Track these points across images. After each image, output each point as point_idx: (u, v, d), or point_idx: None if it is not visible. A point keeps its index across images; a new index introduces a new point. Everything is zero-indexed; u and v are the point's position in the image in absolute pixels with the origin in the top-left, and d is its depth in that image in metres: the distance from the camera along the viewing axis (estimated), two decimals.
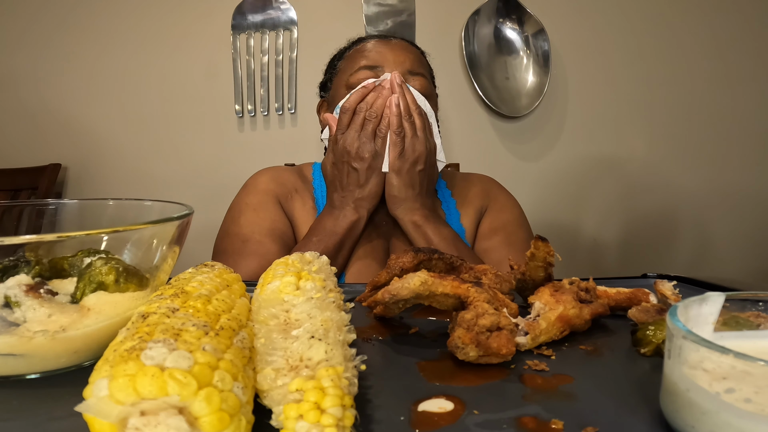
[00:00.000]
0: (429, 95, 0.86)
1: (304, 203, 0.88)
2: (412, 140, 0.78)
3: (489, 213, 0.93)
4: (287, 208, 0.88)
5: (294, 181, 0.91)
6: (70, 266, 0.40)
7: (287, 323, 0.34)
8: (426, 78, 0.88)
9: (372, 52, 0.87)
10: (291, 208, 0.88)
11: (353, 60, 0.88)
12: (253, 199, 0.87)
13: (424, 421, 0.30)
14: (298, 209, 0.88)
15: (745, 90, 1.71)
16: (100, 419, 0.24)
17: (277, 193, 0.88)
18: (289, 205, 0.88)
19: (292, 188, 0.90)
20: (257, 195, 0.88)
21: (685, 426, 0.28)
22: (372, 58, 0.86)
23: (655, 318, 0.43)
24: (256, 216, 0.85)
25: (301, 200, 0.89)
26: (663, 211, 1.74)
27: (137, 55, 1.64)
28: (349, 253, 0.81)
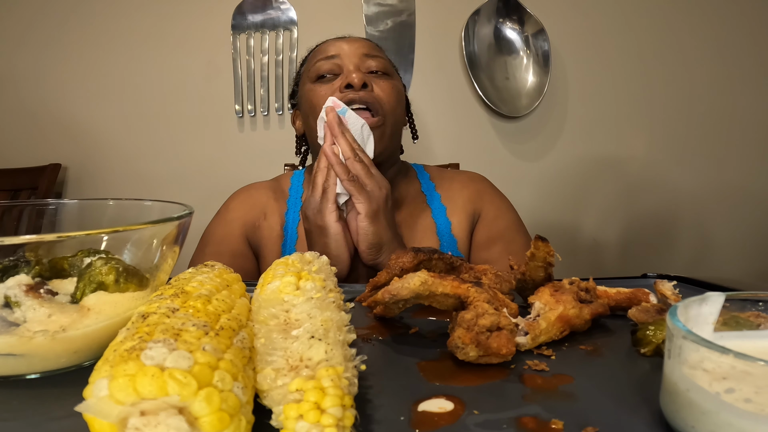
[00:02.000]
0: (390, 73, 0.87)
1: (272, 229, 0.89)
2: (371, 179, 0.73)
3: (484, 220, 0.92)
4: (254, 237, 0.90)
5: (265, 202, 0.92)
6: (70, 266, 0.40)
7: (287, 323, 0.34)
8: (385, 59, 0.88)
9: (328, 46, 0.89)
10: (258, 236, 0.89)
11: (312, 58, 0.90)
12: (220, 230, 0.90)
13: (424, 421, 0.30)
14: (265, 237, 0.89)
15: (745, 90, 1.71)
16: (100, 419, 0.24)
17: (245, 220, 0.90)
18: (256, 234, 0.90)
19: (260, 213, 0.91)
20: (225, 226, 0.90)
21: (685, 426, 0.28)
22: (328, 51, 0.88)
23: (655, 318, 0.43)
24: (218, 248, 0.87)
25: (268, 226, 0.90)
26: (663, 211, 1.74)
27: (137, 55, 1.64)
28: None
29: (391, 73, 0.88)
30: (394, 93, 0.85)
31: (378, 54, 0.88)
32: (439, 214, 0.90)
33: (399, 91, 0.87)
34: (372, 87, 0.83)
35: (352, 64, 0.85)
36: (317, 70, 0.86)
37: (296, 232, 0.88)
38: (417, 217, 0.90)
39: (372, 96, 0.82)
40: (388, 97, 0.84)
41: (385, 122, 0.83)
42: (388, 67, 0.88)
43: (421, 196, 0.94)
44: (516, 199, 0.97)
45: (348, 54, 0.86)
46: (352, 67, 0.84)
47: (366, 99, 0.81)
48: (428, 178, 0.97)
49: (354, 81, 0.81)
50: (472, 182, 0.96)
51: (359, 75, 0.82)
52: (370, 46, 0.89)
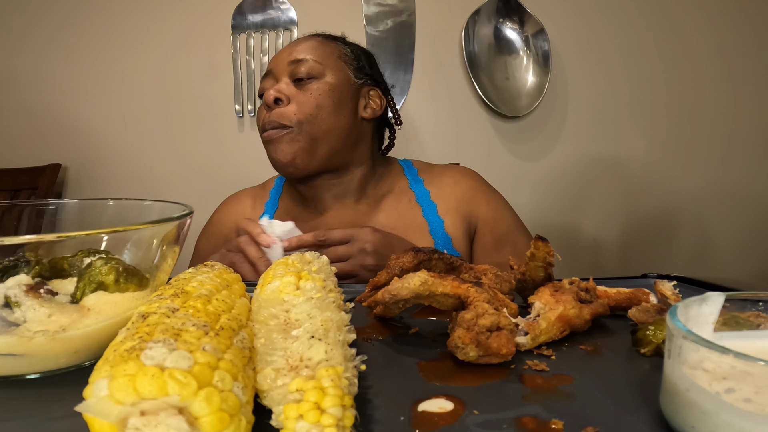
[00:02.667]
0: (317, 74, 0.85)
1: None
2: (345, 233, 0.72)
3: (485, 223, 0.91)
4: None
5: (242, 212, 0.95)
6: (70, 266, 0.40)
7: (287, 323, 0.34)
8: (312, 60, 0.86)
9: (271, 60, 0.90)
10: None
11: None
12: (203, 244, 0.96)
13: (424, 421, 0.30)
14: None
15: (745, 90, 1.71)
16: (100, 419, 0.24)
17: (223, 233, 0.94)
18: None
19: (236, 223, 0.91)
20: (207, 240, 0.96)
21: (685, 426, 0.28)
22: (268, 66, 0.90)
23: (655, 318, 0.43)
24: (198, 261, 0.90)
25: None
26: (663, 211, 1.74)
27: (137, 55, 1.64)
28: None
29: (319, 74, 0.85)
30: (310, 100, 0.83)
31: (304, 57, 0.86)
32: (430, 212, 0.89)
33: (323, 93, 0.84)
34: (288, 100, 0.83)
35: (282, 77, 0.86)
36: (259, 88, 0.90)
37: None
38: (407, 217, 0.89)
39: (280, 114, 0.83)
40: (301, 107, 0.83)
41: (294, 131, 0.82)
42: (313, 68, 0.85)
43: (408, 193, 0.92)
44: (516, 199, 0.97)
45: (279, 66, 0.87)
46: (282, 79, 0.86)
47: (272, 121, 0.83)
48: (416, 173, 0.95)
49: (267, 100, 0.84)
50: (463, 179, 0.94)
51: (270, 93, 0.83)
52: (300, 50, 0.87)
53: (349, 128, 0.88)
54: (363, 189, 0.91)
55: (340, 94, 0.86)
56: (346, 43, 0.93)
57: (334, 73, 0.87)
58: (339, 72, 0.88)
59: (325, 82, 0.86)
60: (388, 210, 0.90)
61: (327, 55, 0.88)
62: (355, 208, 0.90)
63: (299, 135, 0.83)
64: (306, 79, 0.85)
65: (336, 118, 0.85)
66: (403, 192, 0.92)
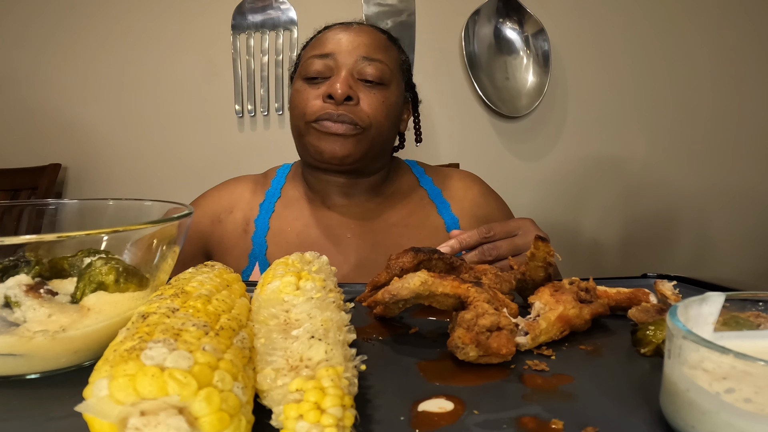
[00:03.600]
0: (386, 82, 0.81)
1: (236, 223, 0.87)
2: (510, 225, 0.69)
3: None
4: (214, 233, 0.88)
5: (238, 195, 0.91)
6: (70, 266, 0.40)
7: (287, 323, 0.34)
8: (385, 64, 0.81)
9: (327, 39, 0.83)
10: (220, 231, 0.88)
11: (310, 48, 0.85)
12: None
13: (424, 421, 0.30)
14: (228, 231, 0.88)
15: (745, 90, 1.71)
16: (100, 419, 0.24)
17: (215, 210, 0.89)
18: (217, 230, 0.88)
19: (227, 207, 0.89)
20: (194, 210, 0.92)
21: (685, 426, 0.28)
22: (325, 47, 0.82)
23: (655, 318, 0.43)
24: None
25: (233, 220, 0.88)
26: (663, 211, 1.74)
27: (137, 55, 1.64)
28: None
29: (388, 81, 0.81)
30: (382, 108, 0.80)
31: (378, 57, 0.81)
32: (444, 211, 0.88)
33: (390, 105, 0.81)
34: (358, 99, 0.78)
35: (345, 68, 0.79)
36: (308, 67, 0.81)
37: (267, 223, 0.86)
38: (420, 214, 0.88)
39: (353, 112, 0.78)
40: (375, 111, 0.79)
41: (364, 132, 0.79)
42: (385, 74, 0.81)
43: (419, 191, 0.91)
44: (516, 199, 0.97)
45: (344, 54, 0.80)
46: (344, 72, 0.79)
47: (343, 119, 0.77)
48: (423, 172, 0.95)
49: (336, 94, 0.77)
50: (473, 183, 0.94)
51: (344, 87, 0.77)
52: (371, 47, 0.81)
53: (392, 140, 0.88)
54: (373, 188, 0.89)
55: (398, 110, 0.86)
56: (402, 50, 0.90)
57: (397, 85, 0.84)
58: (400, 84, 0.86)
59: (392, 92, 0.82)
60: (398, 207, 0.88)
61: (394, 61, 0.84)
62: (364, 205, 0.88)
63: (365, 138, 0.80)
64: (374, 83, 0.80)
65: (391, 132, 0.85)
66: (413, 189, 0.92)
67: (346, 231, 0.85)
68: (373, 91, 0.80)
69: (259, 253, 0.83)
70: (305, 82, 0.82)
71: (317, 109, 0.79)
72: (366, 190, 0.88)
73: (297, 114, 0.83)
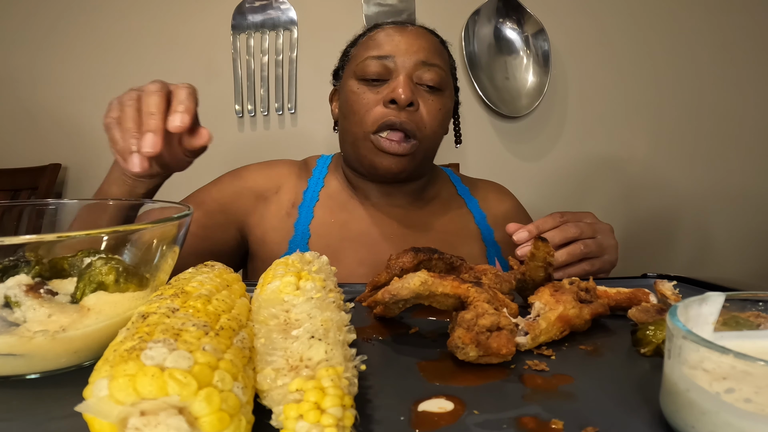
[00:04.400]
0: (442, 87, 0.80)
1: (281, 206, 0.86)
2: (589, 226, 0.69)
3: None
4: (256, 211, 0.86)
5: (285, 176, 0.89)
6: (70, 266, 0.40)
7: (287, 323, 0.34)
8: (442, 69, 0.80)
9: (383, 40, 0.81)
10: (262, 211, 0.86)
11: (364, 47, 0.82)
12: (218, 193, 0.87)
13: (424, 421, 0.30)
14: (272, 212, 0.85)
15: (745, 90, 1.71)
16: (100, 419, 0.24)
17: (254, 190, 0.87)
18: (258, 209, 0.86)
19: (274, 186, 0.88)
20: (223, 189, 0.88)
21: (685, 426, 0.28)
22: (382, 48, 0.80)
23: (655, 318, 0.43)
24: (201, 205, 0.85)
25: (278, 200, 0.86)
26: (663, 211, 1.74)
27: (138, 55, 1.64)
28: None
29: (444, 87, 0.80)
30: (440, 115, 0.80)
31: (436, 62, 0.80)
32: (481, 221, 0.89)
33: (446, 112, 0.81)
34: (418, 105, 0.77)
35: (404, 72, 0.77)
36: (365, 68, 0.79)
37: (312, 211, 0.84)
38: (459, 222, 0.88)
39: (414, 119, 0.77)
40: (433, 120, 0.78)
41: (419, 146, 0.78)
42: (442, 79, 0.80)
43: (457, 199, 0.92)
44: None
45: (403, 57, 0.78)
46: (403, 76, 0.77)
47: (406, 125, 0.76)
48: (460, 181, 0.96)
49: (400, 99, 0.75)
50: (507, 198, 0.96)
51: (407, 92, 0.75)
52: (429, 51, 0.80)
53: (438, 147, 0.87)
54: (415, 192, 0.89)
55: (450, 116, 0.85)
56: (449, 53, 0.88)
57: (450, 90, 0.84)
58: (451, 90, 0.85)
59: (448, 98, 0.82)
60: (439, 213, 0.88)
61: (447, 66, 0.84)
62: (406, 207, 0.88)
63: (420, 151, 0.79)
64: (432, 89, 0.79)
65: (441, 138, 0.84)
66: (452, 197, 0.92)
67: (389, 231, 0.84)
68: (431, 97, 0.79)
69: (301, 241, 0.81)
70: (362, 83, 0.80)
71: (379, 116, 0.77)
72: (408, 193, 0.88)
73: (356, 120, 0.80)
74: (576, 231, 0.67)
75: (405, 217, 0.86)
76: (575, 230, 0.67)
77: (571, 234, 0.67)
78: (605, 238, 0.70)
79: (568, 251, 0.67)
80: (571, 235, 0.67)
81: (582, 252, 0.67)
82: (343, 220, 0.84)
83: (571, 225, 0.68)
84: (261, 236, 0.84)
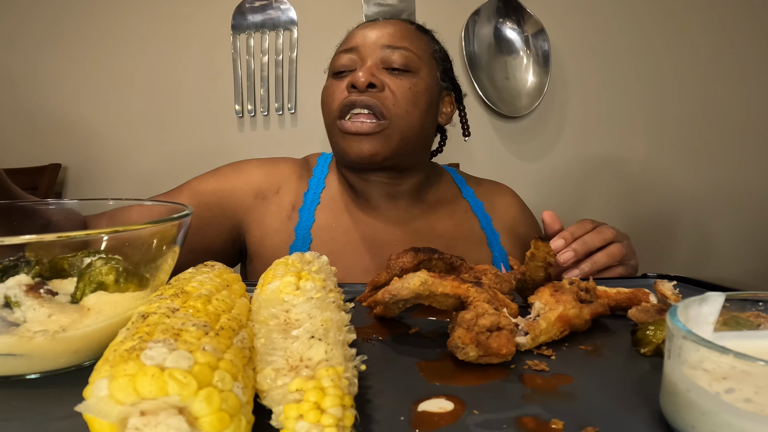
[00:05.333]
0: (413, 69, 0.78)
1: (281, 207, 0.83)
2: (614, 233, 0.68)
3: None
4: (255, 210, 0.83)
5: (287, 175, 0.86)
6: (70, 266, 0.40)
7: (287, 323, 0.34)
8: (411, 51, 0.79)
9: (352, 35, 0.82)
10: (261, 211, 0.83)
11: (339, 46, 0.84)
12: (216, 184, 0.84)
13: (424, 421, 0.30)
14: (272, 213, 0.83)
15: (745, 90, 1.71)
16: (100, 419, 0.24)
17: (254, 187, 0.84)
18: (258, 208, 0.83)
19: (275, 185, 0.85)
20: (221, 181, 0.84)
21: (685, 426, 0.28)
22: (349, 42, 0.81)
23: (655, 318, 0.43)
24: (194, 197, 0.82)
25: (278, 202, 0.83)
26: (663, 211, 1.74)
27: (138, 55, 1.64)
28: None
29: (416, 68, 0.79)
30: (409, 94, 0.77)
31: (402, 45, 0.78)
32: (487, 225, 0.87)
33: (418, 92, 0.78)
34: (383, 86, 0.76)
35: (370, 59, 0.78)
36: (334, 63, 0.81)
37: (313, 215, 0.82)
38: (464, 226, 0.86)
39: (377, 98, 0.75)
40: (401, 98, 0.76)
41: (390, 126, 0.76)
42: (411, 61, 0.78)
43: (462, 203, 0.89)
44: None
45: (368, 45, 0.79)
46: (369, 62, 0.77)
47: (367, 102, 0.75)
48: (464, 182, 0.93)
49: (358, 82, 0.75)
50: (513, 200, 0.94)
51: (366, 75, 0.75)
52: (395, 36, 0.79)
53: (429, 134, 0.84)
54: (417, 193, 0.86)
55: (431, 96, 0.81)
56: (435, 40, 0.87)
57: (428, 71, 0.81)
58: (432, 71, 0.82)
59: (421, 79, 0.79)
60: (443, 217, 0.86)
61: (423, 49, 0.81)
62: (409, 211, 0.85)
63: (393, 131, 0.76)
64: (400, 71, 0.78)
65: (425, 121, 0.80)
66: (456, 201, 0.90)
67: (392, 236, 0.82)
68: (399, 78, 0.77)
69: (302, 246, 0.79)
70: (332, 78, 0.81)
71: (341, 101, 0.77)
72: (409, 193, 0.85)
73: (325, 112, 0.81)
74: (611, 234, 0.67)
75: (409, 222, 0.84)
76: (610, 233, 0.67)
77: (609, 236, 0.67)
78: (630, 243, 0.70)
79: (607, 253, 0.67)
80: (608, 237, 0.67)
81: (620, 254, 0.67)
82: (346, 224, 0.82)
83: (605, 228, 0.68)
84: (260, 238, 0.82)
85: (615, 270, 0.68)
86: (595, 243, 0.66)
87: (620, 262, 0.68)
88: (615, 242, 0.68)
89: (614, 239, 0.68)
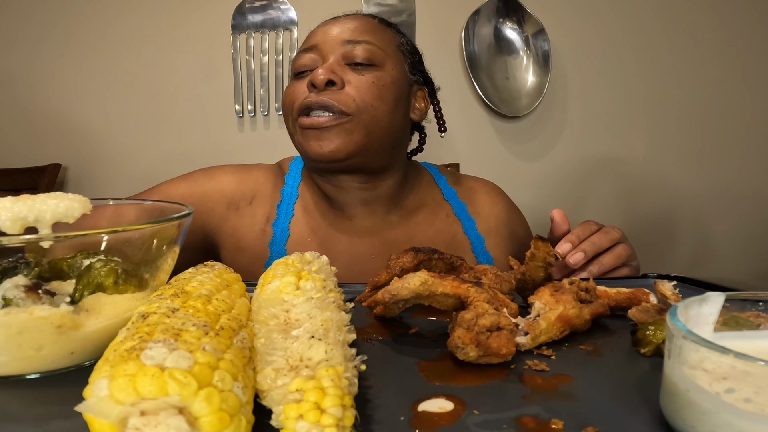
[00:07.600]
0: (376, 62, 0.75)
1: (254, 219, 0.80)
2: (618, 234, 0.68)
3: (522, 244, 0.87)
4: (227, 221, 0.80)
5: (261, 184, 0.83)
6: (70, 268, 0.40)
7: (287, 323, 0.34)
8: (373, 44, 0.76)
9: (313, 33, 0.79)
10: (234, 223, 0.80)
11: (301, 45, 0.81)
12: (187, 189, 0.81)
13: (424, 421, 0.30)
14: (244, 225, 0.80)
15: (745, 90, 1.71)
16: (100, 419, 0.24)
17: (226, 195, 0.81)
18: (229, 219, 0.80)
19: (248, 195, 0.81)
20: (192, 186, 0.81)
21: (685, 426, 0.28)
22: (310, 40, 0.78)
23: (655, 318, 0.43)
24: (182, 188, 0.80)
25: (251, 214, 0.80)
26: (663, 211, 1.74)
27: (138, 55, 1.64)
28: None
29: (380, 62, 0.75)
30: (373, 88, 0.73)
31: (364, 39, 0.75)
32: (470, 229, 0.84)
33: (383, 85, 0.74)
34: (343, 84, 0.73)
35: (332, 56, 0.75)
36: (295, 63, 0.78)
37: (288, 229, 0.78)
38: (446, 233, 0.83)
39: (336, 97, 0.72)
40: (364, 93, 0.73)
41: (352, 121, 0.72)
42: (374, 54, 0.75)
43: (444, 207, 0.85)
44: (516, 199, 0.97)
45: (329, 42, 0.76)
46: (331, 59, 0.74)
47: (324, 103, 0.71)
48: (446, 182, 0.89)
49: (316, 80, 0.71)
50: (498, 198, 0.90)
51: (325, 72, 0.72)
52: (356, 30, 0.76)
53: (400, 129, 0.79)
54: (395, 198, 0.82)
55: (399, 90, 0.77)
56: (401, 33, 0.83)
57: (394, 64, 0.77)
58: (398, 64, 0.78)
59: (386, 73, 0.75)
60: (424, 224, 0.82)
61: (387, 42, 0.78)
62: (387, 219, 0.82)
63: (357, 126, 0.72)
64: (364, 65, 0.75)
65: (393, 116, 0.76)
66: (438, 205, 0.86)
67: (369, 248, 0.79)
68: (362, 73, 0.74)
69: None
70: (294, 78, 0.79)
71: (299, 102, 0.74)
72: (386, 199, 0.82)
73: (285, 113, 0.79)
74: (618, 234, 0.67)
75: (387, 231, 0.81)
76: (617, 233, 0.67)
77: (616, 237, 0.67)
78: (630, 244, 0.70)
79: (615, 254, 0.66)
80: (616, 238, 0.67)
81: (627, 255, 0.67)
82: (321, 237, 0.79)
83: (611, 228, 0.68)
84: (233, 252, 0.79)
85: (620, 271, 0.68)
86: (604, 244, 0.66)
87: (624, 264, 0.68)
88: (621, 243, 0.68)
89: (621, 240, 0.68)
